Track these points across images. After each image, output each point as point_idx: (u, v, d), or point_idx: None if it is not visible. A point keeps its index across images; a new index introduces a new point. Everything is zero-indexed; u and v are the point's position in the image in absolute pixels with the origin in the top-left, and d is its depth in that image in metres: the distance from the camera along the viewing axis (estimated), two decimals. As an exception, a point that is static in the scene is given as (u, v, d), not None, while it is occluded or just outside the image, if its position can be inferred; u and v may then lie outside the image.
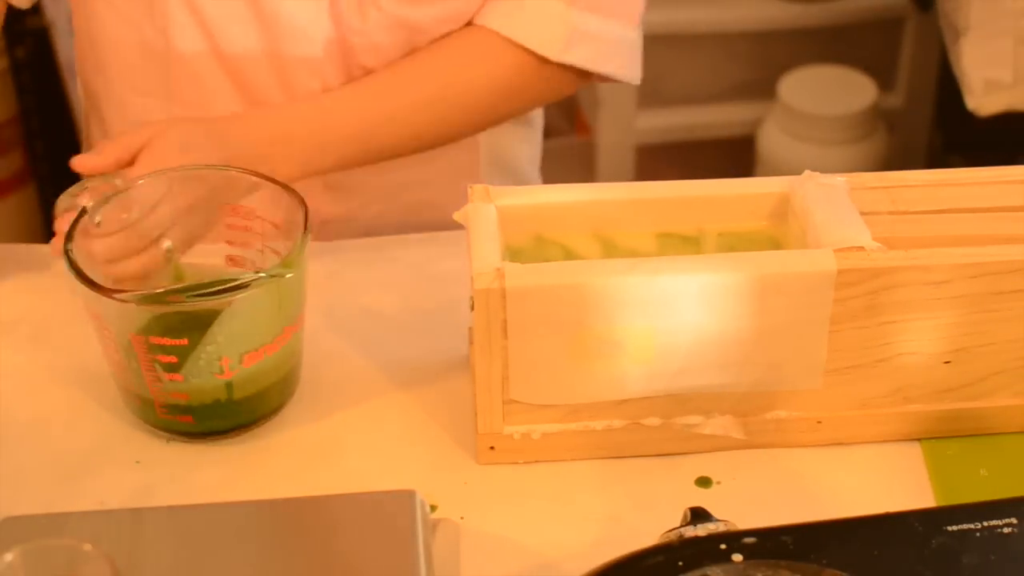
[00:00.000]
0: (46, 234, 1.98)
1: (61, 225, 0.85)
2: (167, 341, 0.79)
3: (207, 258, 0.89)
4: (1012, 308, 0.80)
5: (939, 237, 0.81)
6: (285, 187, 0.85)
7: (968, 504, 0.69)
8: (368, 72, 1.01)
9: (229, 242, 0.88)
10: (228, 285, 0.78)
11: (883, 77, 2.05)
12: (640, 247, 0.84)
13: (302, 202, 0.84)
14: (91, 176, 0.89)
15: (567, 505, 0.81)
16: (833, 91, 1.99)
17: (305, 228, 0.82)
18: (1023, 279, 0.79)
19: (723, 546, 0.65)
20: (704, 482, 0.82)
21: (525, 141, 1.15)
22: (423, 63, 1.00)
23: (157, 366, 0.80)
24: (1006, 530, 0.66)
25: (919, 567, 0.64)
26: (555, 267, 0.79)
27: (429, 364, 0.91)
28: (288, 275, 0.79)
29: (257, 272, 0.79)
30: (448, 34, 1.01)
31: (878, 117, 2.02)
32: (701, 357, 0.80)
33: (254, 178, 0.87)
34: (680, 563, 0.64)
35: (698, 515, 0.68)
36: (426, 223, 1.06)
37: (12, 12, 1.02)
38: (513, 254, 0.83)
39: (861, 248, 0.79)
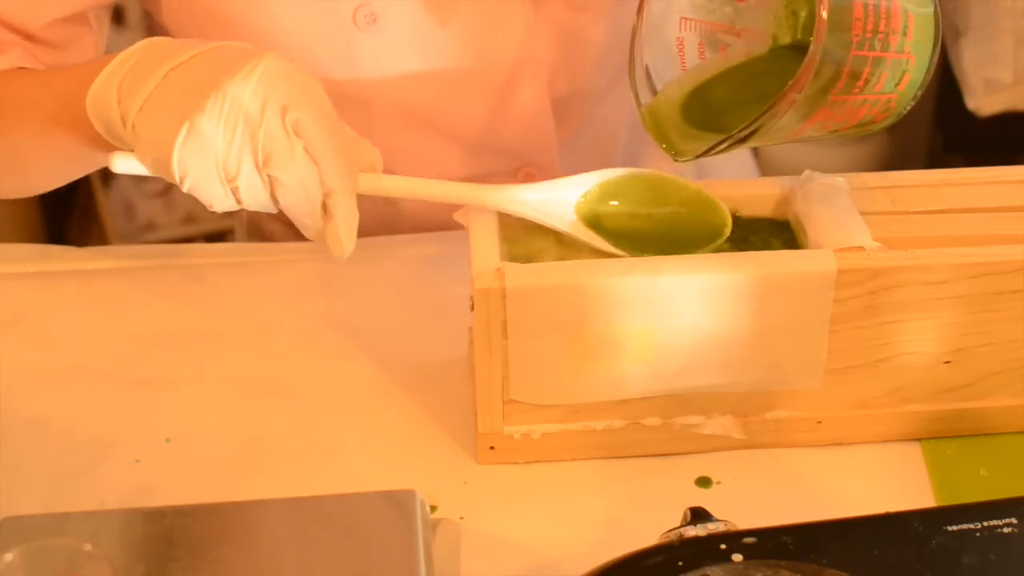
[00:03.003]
0: (46, 234, 1.99)
1: None
2: None
3: None
4: (1012, 308, 0.80)
5: (939, 237, 0.81)
6: None
7: (968, 504, 0.69)
8: None
9: None
10: None
11: (883, 77, 2.04)
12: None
13: None
14: None
15: (567, 505, 0.81)
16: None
17: None
18: (1023, 279, 0.79)
19: (723, 546, 0.65)
20: (704, 482, 0.82)
21: None
22: None
23: None
24: (1006, 530, 0.66)
25: (919, 567, 0.64)
26: (555, 267, 0.79)
27: (429, 364, 0.91)
28: None
29: None
30: None
31: (878, 117, 2.01)
32: (701, 357, 0.80)
33: None
34: (680, 563, 0.64)
35: (698, 515, 0.68)
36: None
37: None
38: (508, 241, 0.82)
39: (861, 248, 0.79)
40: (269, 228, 1.15)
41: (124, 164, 0.77)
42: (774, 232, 0.84)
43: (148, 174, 0.77)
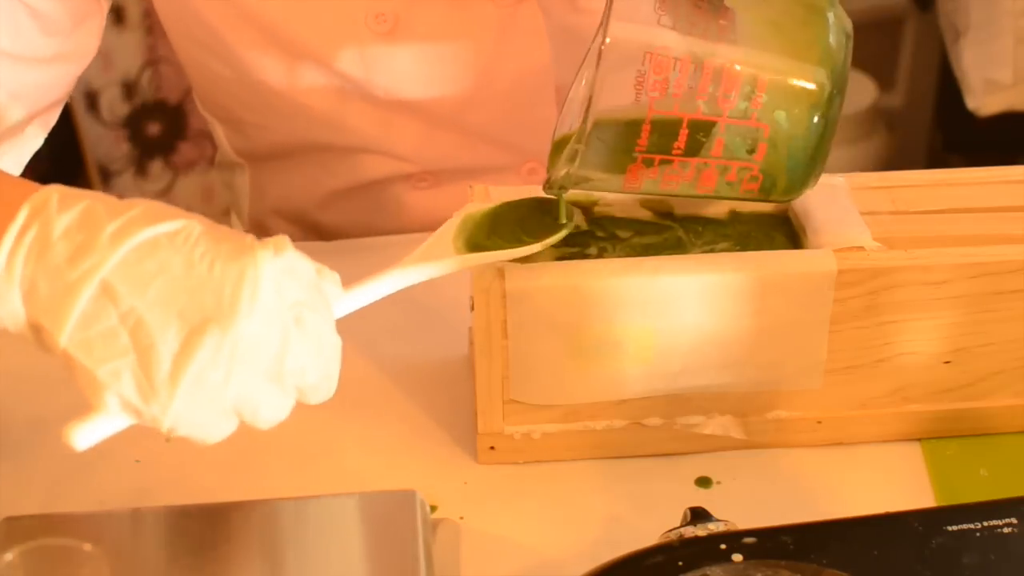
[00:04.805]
0: (46, 234, 1.98)
1: None
2: None
3: None
4: (1012, 308, 0.80)
5: (939, 237, 0.81)
6: None
7: (968, 504, 0.69)
8: None
9: None
10: None
11: (883, 77, 2.05)
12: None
13: None
14: None
15: (567, 505, 0.81)
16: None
17: None
18: (1023, 279, 0.79)
19: (723, 546, 0.65)
20: (704, 482, 0.82)
21: None
22: None
23: None
24: (1006, 530, 0.66)
25: (919, 567, 0.64)
26: (555, 267, 0.79)
27: (429, 364, 0.91)
28: None
29: None
30: None
31: (878, 117, 2.02)
32: (701, 357, 0.80)
33: None
34: (680, 563, 0.64)
35: (698, 515, 0.68)
36: None
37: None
38: None
39: (861, 248, 0.79)
40: (273, 224, 1.16)
41: (88, 437, 0.63)
42: (776, 226, 0.84)
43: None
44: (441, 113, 1.02)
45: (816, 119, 0.74)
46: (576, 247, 0.82)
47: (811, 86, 0.74)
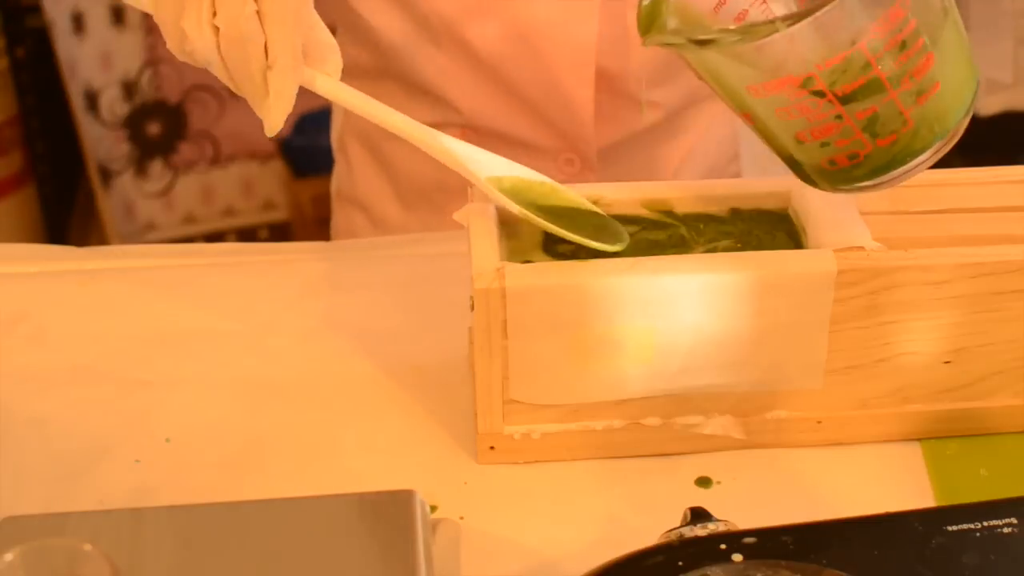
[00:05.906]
0: (46, 234, 1.99)
1: None
2: None
3: None
4: (1012, 308, 0.80)
5: (939, 237, 0.81)
6: None
7: (968, 504, 0.68)
8: None
9: None
10: None
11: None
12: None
13: None
14: None
15: (567, 505, 0.81)
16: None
17: None
18: (1023, 279, 0.79)
19: (723, 546, 0.65)
20: (704, 482, 0.82)
21: None
22: None
23: None
24: (1006, 530, 0.66)
25: (919, 567, 0.64)
26: (555, 267, 0.79)
27: (429, 364, 0.91)
28: None
29: None
30: None
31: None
32: (701, 357, 0.80)
33: None
34: (680, 563, 0.64)
35: (698, 515, 0.68)
36: None
37: (12, 12, 1.02)
38: (509, 236, 0.82)
39: (861, 248, 0.79)
40: (349, 144, 1.19)
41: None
42: (777, 225, 0.84)
43: None
44: (492, 62, 1.05)
45: (932, 150, 0.75)
46: None
47: (954, 118, 0.75)
